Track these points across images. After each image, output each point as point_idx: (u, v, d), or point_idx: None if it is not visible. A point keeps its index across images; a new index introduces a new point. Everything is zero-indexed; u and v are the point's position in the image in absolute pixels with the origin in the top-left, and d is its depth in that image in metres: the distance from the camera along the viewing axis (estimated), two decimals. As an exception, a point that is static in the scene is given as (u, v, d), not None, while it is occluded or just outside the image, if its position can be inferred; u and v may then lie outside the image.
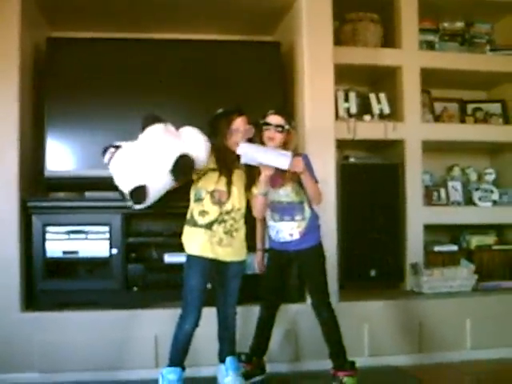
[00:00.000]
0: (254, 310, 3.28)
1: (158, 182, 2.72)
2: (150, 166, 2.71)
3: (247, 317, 3.31)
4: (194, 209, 2.98)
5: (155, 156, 2.72)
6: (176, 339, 2.91)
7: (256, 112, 3.51)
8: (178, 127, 2.91)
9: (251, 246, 3.20)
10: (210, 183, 2.96)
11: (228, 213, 2.96)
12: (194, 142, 2.81)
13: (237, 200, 2.99)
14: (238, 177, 3.01)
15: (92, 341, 3.33)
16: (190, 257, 2.96)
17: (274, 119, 3.07)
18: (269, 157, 2.84)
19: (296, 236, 3.11)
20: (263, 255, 3.35)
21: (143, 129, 2.82)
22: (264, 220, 3.25)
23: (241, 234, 3.04)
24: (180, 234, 3.01)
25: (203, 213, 2.95)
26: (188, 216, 3.00)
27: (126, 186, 2.71)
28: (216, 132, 2.98)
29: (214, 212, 2.94)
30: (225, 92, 3.77)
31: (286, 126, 3.07)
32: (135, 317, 3.38)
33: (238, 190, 2.99)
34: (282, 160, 2.83)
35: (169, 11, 3.91)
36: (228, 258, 2.99)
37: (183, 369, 2.90)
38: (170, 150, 2.72)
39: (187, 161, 2.74)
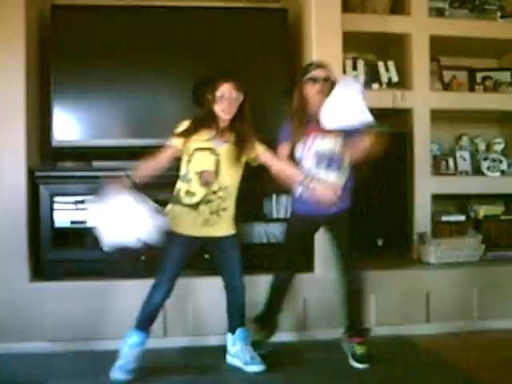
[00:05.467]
0: (258, 280, 3.30)
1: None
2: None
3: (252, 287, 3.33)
4: (181, 188, 2.96)
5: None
6: (145, 306, 2.93)
7: (262, 80, 3.50)
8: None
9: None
10: (198, 164, 2.92)
11: (215, 193, 2.93)
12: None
13: (225, 178, 2.94)
14: (227, 150, 2.95)
15: (100, 310, 3.36)
16: (172, 231, 2.93)
17: (321, 73, 3.06)
18: (352, 117, 2.90)
19: None
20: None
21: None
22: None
23: (229, 212, 3.01)
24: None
25: (189, 193, 2.93)
26: (174, 193, 2.98)
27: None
28: (201, 100, 2.95)
29: (200, 193, 2.91)
30: (231, 60, 3.74)
31: (332, 78, 3.07)
32: (143, 286, 3.38)
33: (226, 167, 2.94)
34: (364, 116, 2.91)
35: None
36: (213, 234, 2.97)
37: (148, 334, 2.93)
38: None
39: None
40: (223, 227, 3.00)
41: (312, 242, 3.35)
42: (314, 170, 3.04)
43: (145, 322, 2.93)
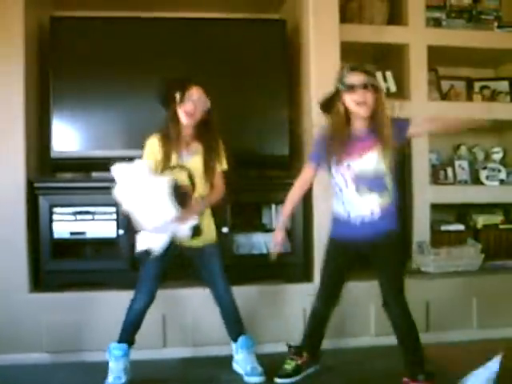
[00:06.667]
0: (258, 291, 3.30)
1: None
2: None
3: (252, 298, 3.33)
4: None
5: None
6: (127, 316, 2.94)
7: (261, 91, 3.50)
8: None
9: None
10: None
11: None
12: None
13: (201, 188, 2.93)
14: (197, 162, 2.93)
15: (99, 321, 3.35)
16: None
17: (359, 78, 2.68)
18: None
19: (377, 211, 2.75)
20: (284, 233, 2.98)
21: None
22: (302, 191, 2.98)
23: (205, 219, 2.98)
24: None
25: None
26: None
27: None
28: (168, 100, 2.93)
29: None
30: (230, 70, 3.75)
31: (375, 83, 2.71)
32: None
33: (200, 177, 2.93)
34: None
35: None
36: (194, 243, 2.94)
37: (131, 344, 2.94)
38: None
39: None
40: (202, 236, 2.94)
41: (349, 271, 2.99)
42: (355, 197, 2.77)
43: (127, 334, 2.94)
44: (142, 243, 2.79)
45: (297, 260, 3.58)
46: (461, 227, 4.34)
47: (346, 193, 2.80)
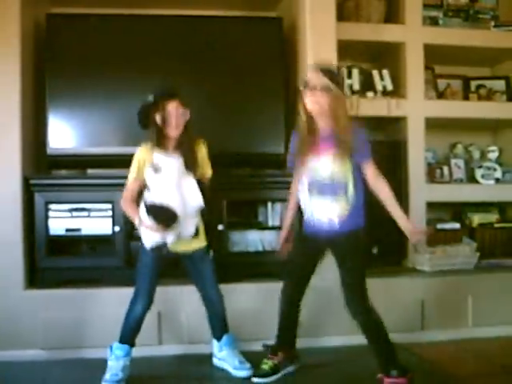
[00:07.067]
0: (255, 288, 3.32)
1: None
2: None
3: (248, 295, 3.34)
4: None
5: None
6: (127, 321, 2.94)
7: (258, 89, 3.50)
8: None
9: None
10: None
11: None
12: None
13: None
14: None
15: (95, 318, 3.35)
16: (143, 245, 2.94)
17: (315, 78, 2.69)
18: None
19: (334, 219, 2.75)
20: (289, 234, 3.02)
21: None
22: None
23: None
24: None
25: None
26: None
27: None
28: (148, 123, 2.90)
29: None
30: (226, 68, 3.75)
31: (332, 87, 2.66)
32: (138, 294, 3.39)
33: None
34: None
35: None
36: (182, 248, 2.95)
37: (132, 345, 2.94)
38: None
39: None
40: (189, 241, 2.95)
41: (312, 271, 2.93)
42: (309, 199, 2.80)
43: (128, 336, 2.94)
44: (151, 238, 2.81)
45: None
46: (456, 226, 4.35)
47: (304, 194, 2.83)
